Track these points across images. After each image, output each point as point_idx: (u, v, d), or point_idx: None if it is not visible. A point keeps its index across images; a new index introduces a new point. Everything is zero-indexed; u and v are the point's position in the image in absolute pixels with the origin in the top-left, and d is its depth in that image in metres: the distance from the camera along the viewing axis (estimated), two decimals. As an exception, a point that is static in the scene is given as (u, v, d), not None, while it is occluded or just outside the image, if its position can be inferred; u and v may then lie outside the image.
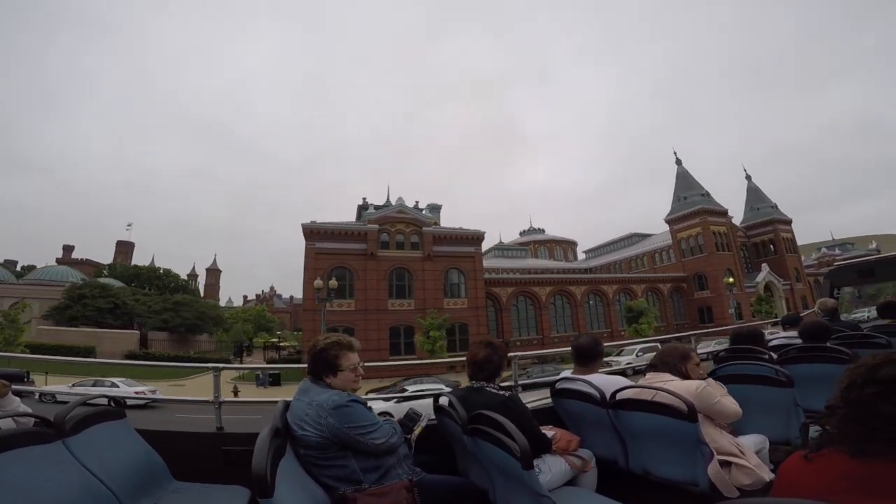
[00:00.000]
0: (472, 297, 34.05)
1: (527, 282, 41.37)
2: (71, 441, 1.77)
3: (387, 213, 33.45)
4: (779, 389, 2.68)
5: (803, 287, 54.76)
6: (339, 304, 31.30)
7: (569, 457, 2.23)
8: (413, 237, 33.81)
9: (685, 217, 50.11)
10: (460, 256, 34.41)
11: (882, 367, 0.90)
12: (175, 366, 28.14)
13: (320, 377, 1.98)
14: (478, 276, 34.62)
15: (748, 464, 2.00)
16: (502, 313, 39.30)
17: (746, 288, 49.29)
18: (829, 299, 5.31)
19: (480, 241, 35.49)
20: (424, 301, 32.45)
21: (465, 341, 33.23)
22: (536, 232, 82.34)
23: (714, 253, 47.81)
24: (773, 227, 54.59)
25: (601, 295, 45.11)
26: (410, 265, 33.09)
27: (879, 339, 3.56)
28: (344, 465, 1.80)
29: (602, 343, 2.81)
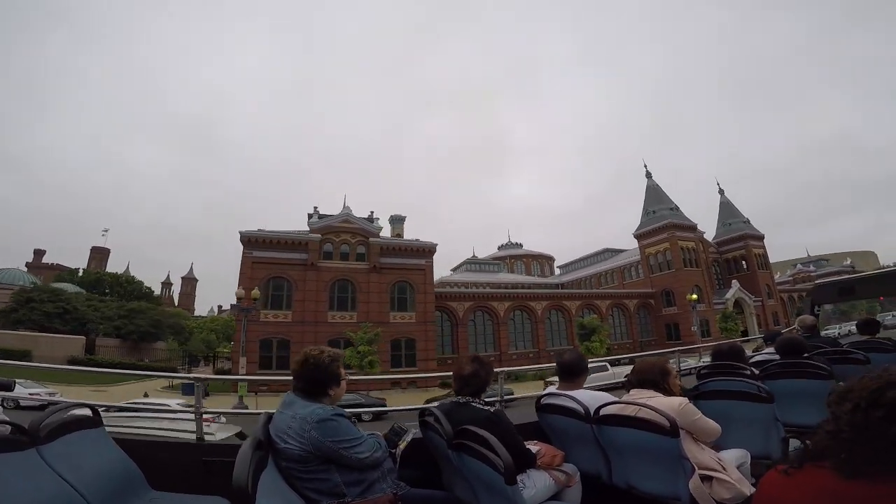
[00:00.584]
0: (421, 311, 32.78)
1: (485, 296, 40.19)
2: (45, 449, 1.74)
3: (330, 223, 32.32)
4: (759, 405, 2.72)
5: (775, 303, 53.87)
6: (274, 315, 30.04)
7: (553, 472, 2.25)
8: (359, 248, 32.67)
9: (653, 232, 49.30)
10: (410, 269, 33.24)
11: (886, 391, 0.89)
12: (95, 371, 26.58)
13: (324, 391, 1.96)
14: (428, 290, 33.39)
15: (729, 478, 2.03)
16: (458, 328, 38.04)
17: (716, 304, 48.28)
18: (808, 316, 5.32)
19: (432, 253, 34.37)
20: (368, 314, 31.14)
21: (411, 357, 31.93)
22: (514, 247, 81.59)
23: (681, 269, 46.87)
24: (745, 242, 53.89)
25: (563, 311, 43.92)
26: (354, 277, 31.87)
27: (858, 355, 3.65)
28: (327, 479, 1.78)
29: (586, 359, 2.82)
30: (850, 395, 0.95)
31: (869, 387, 0.93)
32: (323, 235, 31.93)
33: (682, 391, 2.81)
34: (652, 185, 52.42)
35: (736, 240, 54.67)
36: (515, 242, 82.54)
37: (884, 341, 4.35)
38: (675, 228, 47.81)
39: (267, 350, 29.45)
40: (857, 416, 0.91)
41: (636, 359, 3.89)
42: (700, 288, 47.62)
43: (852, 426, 0.92)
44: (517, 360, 39.26)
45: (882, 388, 0.91)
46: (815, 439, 1.02)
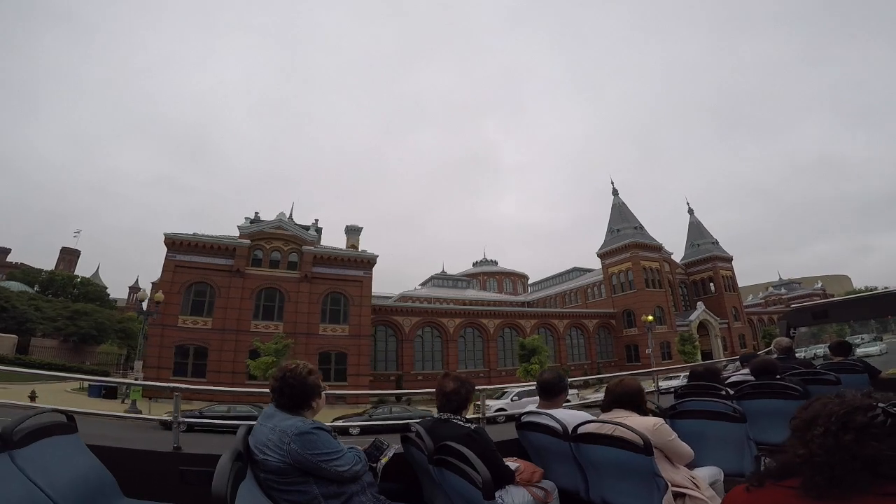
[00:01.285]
0: (356, 324, 31.18)
1: (434, 312, 38.67)
2: (18, 454, 1.72)
3: (262, 228, 30.93)
4: (733, 424, 2.83)
5: (742, 326, 52.50)
6: (193, 321, 28.43)
7: (532, 488, 2.29)
8: (292, 256, 31.26)
9: (616, 251, 48.23)
10: (346, 280, 31.77)
11: (854, 415, 0.94)
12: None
13: (307, 403, 1.97)
14: (364, 303, 31.85)
15: (702, 496, 2.10)
16: (404, 344, 36.46)
17: (679, 326, 46.85)
18: (784, 338, 5.39)
19: (371, 264, 32.96)
20: (296, 325, 29.54)
21: (341, 371, 30.21)
22: (489, 263, 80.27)
23: (643, 289, 45.60)
24: (713, 264, 52.87)
25: (518, 329, 42.35)
26: (284, 285, 30.37)
27: (829, 376, 3.82)
28: (305, 491, 1.79)
29: (566, 378, 2.90)
30: (818, 421, 0.99)
31: (836, 412, 0.97)
32: (253, 241, 30.53)
33: (660, 410, 3.07)
34: (618, 203, 51.58)
35: (703, 261, 53.64)
36: (490, 259, 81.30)
37: (855, 363, 4.48)
38: (638, 248, 46.75)
39: (183, 356, 27.74)
40: (829, 440, 0.95)
41: (606, 380, 3.70)
42: (662, 309, 46.44)
43: (825, 450, 0.94)
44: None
45: (850, 412, 0.96)
46: (782, 459, 1.06)
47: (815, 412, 1.01)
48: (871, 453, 0.91)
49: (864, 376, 4.16)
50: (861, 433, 0.93)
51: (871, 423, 0.94)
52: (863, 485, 0.90)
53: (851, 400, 0.98)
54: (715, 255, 52.95)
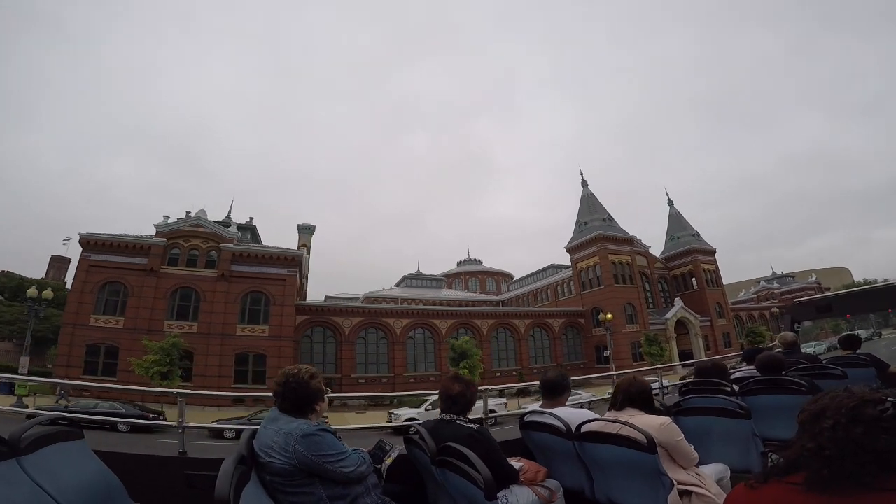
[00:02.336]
0: (277, 325, 29.40)
1: (377, 312, 36.60)
2: (25, 460, 1.71)
3: (179, 226, 29.53)
4: (738, 420, 2.80)
5: (727, 323, 48.67)
6: (105, 321, 27.20)
7: (536, 487, 2.27)
8: (211, 254, 29.81)
9: (583, 245, 45.30)
10: (267, 279, 30.06)
11: (863, 408, 0.95)
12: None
13: (311, 406, 1.98)
14: (287, 302, 30.07)
15: (708, 493, 2.08)
16: (343, 346, 34.49)
17: (654, 325, 43.60)
18: (788, 333, 5.42)
19: (296, 263, 31.20)
20: (210, 325, 28.02)
21: (260, 373, 28.39)
22: (474, 263, 77.94)
23: (611, 285, 42.57)
24: (693, 257, 49.32)
25: (474, 330, 39.89)
26: (200, 284, 28.85)
27: (835, 370, 3.78)
28: (311, 493, 1.80)
29: (569, 377, 2.89)
30: (827, 413, 0.99)
31: (846, 405, 0.97)
32: (169, 240, 29.17)
33: (664, 408, 3.10)
34: (586, 194, 48.70)
35: (683, 255, 50.14)
36: (475, 259, 78.93)
37: (862, 357, 4.34)
38: (606, 241, 43.76)
39: (93, 356, 26.60)
40: (839, 433, 0.95)
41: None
42: (633, 306, 43.35)
43: (836, 443, 0.94)
44: (414, 384, 35.35)
45: (858, 405, 0.96)
46: (788, 454, 1.05)
47: (824, 405, 1.00)
48: (882, 446, 0.90)
49: (872, 370, 4.04)
50: (871, 426, 0.92)
51: (881, 416, 0.93)
52: (871, 478, 0.90)
53: (861, 393, 0.98)
54: (695, 247, 49.39)
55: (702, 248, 49.74)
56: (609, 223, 45.73)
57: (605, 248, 43.49)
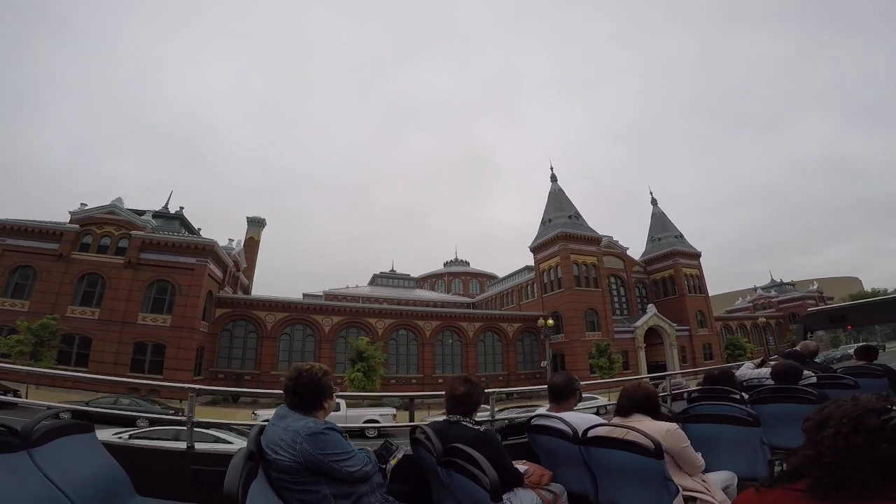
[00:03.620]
0: (180, 315, 28.23)
1: (303, 308, 35.00)
2: (36, 452, 1.75)
3: (93, 213, 29.09)
4: (746, 428, 2.78)
5: (709, 333, 43.51)
6: (11, 304, 27.09)
7: (540, 491, 2.26)
8: (122, 241, 29.18)
9: (546, 244, 41.90)
10: (175, 267, 29.06)
11: (866, 417, 0.95)
12: None
13: (320, 404, 1.98)
14: (193, 293, 28.93)
15: (713, 500, 2.06)
16: (264, 341, 33.09)
17: (620, 334, 39.55)
18: (810, 342, 5.34)
19: (207, 252, 30.05)
20: (112, 312, 27.24)
21: (157, 364, 27.37)
22: (460, 264, 75.33)
23: (572, 289, 38.96)
24: (674, 260, 44.70)
25: (416, 332, 37.48)
26: (107, 271, 28.20)
27: (847, 380, 3.80)
28: (316, 491, 1.79)
29: (577, 381, 2.84)
30: (829, 422, 0.99)
31: (849, 413, 0.97)
32: (83, 226, 28.79)
33: (672, 414, 3.04)
34: (554, 190, 45.24)
35: (664, 257, 45.56)
36: (462, 260, 76.30)
37: (875, 367, 4.31)
38: (569, 240, 40.20)
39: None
40: (839, 442, 0.95)
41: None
42: (597, 312, 39.48)
43: (834, 451, 0.95)
44: (340, 386, 33.40)
45: (862, 415, 0.96)
46: (793, 461, 1.06)
47: (828, 414, 1.01)
48: (884, 456, 0.90)
49: (884, 381, 4.00)
50: (873, 435, 0.92)
51: (884, 425, 0.93)
52: (872, 488, 0.89)
53: (865, 402, 0.98)
54: (677, 249, 44.71)
55: (684, 251, 45.00)
56: (575, 221, 42.12)
57: (568, 247, 39.94)
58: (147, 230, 29.62)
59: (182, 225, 34.37)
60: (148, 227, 29.85)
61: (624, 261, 46.55)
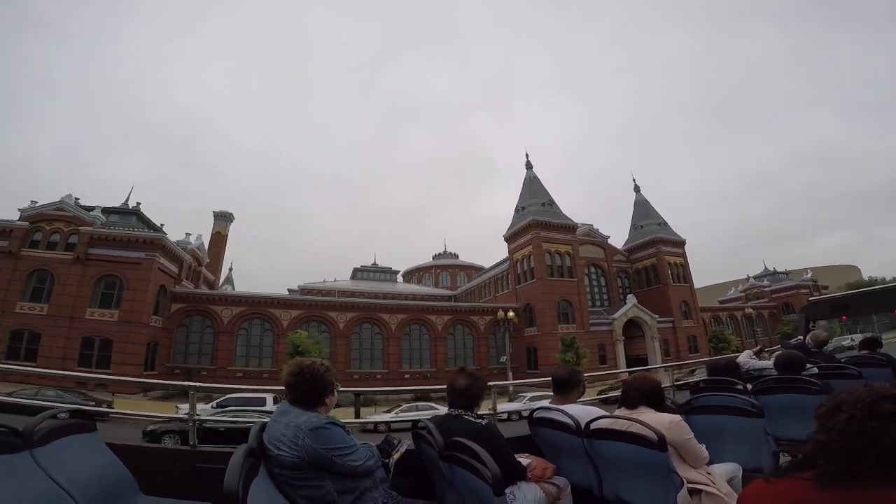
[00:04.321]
0: (128, 309, 27.95)
1: (261, 302, 34.40)
2: (38, 452, 1.74)
3: (43, 210, 28.95)
4: (750, 419, 2.76)
5: (695, 325, 41.31)
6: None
7: (544, 484, 2.23)
8: (72, 237, 29.02)
9: (519, 232, 40.36)
10: (123, 262, 28.78)
11: (881, 403, 0.94)
12: None
13: (322, 400, 1.98)
14: (141, 287, 28.60)
15: (718, 492, 2.04)
16: (220, 336, 32.67)
17: (596, 326, 37.82)
18: (821, 332, 5.35)
19: (157, 246, 29.71)
20: (60, 307, 27.15)
21: (105, 358, 27.16)
22: (449, 256, 74.20)
23: (544, 279, 37.37)
24: (657, 248, 42.54)
25: (381, 326, 36.55)
26: (56, 267, 28.07)
27: (851, 370, 3.78)
28: (319, 486, 1.78)
29: (580, 374, 2.82)
30: (843, 408, 0.98)
31: (863, 399, 0.97)
32: (33, 223, 28.72)
33: (675, 406, 3.05)
34: (530, 177, 43.49)
35: (646, 245, 43.42)
36: (451, 253, 75.09)
37: (879, 357, 4.29)
38: (540, 228, 38.55)
39: None
40: (852, 427, 0.94)
41: None
42: (570, 304, 37.83)
43: (844, 436, 0.94)
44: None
45: (876, 400, 0.95)
46: (803, 449, 1.05)
47: (842, 399, 1.01)
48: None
49: (888, 371, 3.98)
50: (887, 420, 0.91)
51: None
52: (881, 474, 0.89)
53: (879, 388, 0.97)
54: (659, 237, 42.51)
55: (667, 238, 42.77)
56: (548, 208, 40.39)
57: (540, 235, 38.30)
58: (96, 226, 29.39)
59: (140, 220, 34.08)
60: (97, 222, 29.62)
61: (605, 250, 44.61)
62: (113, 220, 32.58)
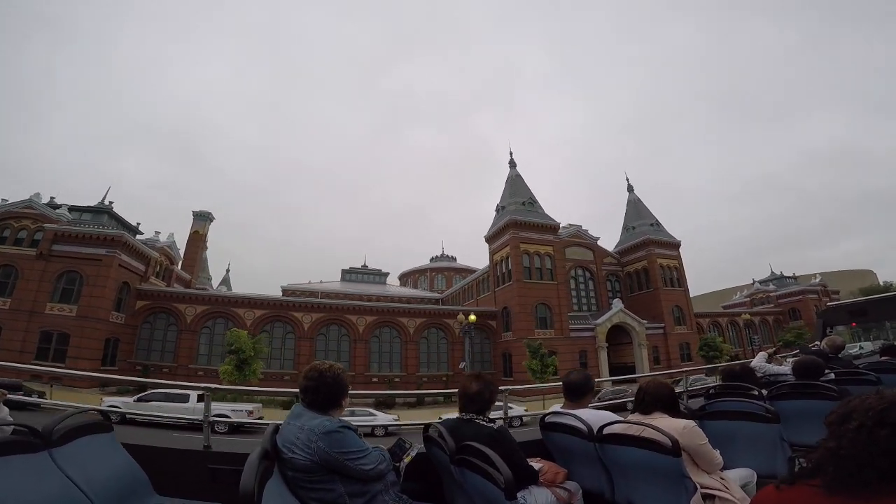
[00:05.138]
0: (86, 305, 28.00)
1: (225, 301, 33.99)
2: (57, 452, 1.77)
3: (10, 208, 29.73)
4: (765, 425, 2.73)
5: (689, 331, 38.12)
6: None
7: (555, 489, 2.23)
8: (38, 234, 29.52)
9: (498, 233, 38.57)
10: (85, 258, 28.96)
11: (892, 411, 0.94)
12: None
13: (338, 402, 1.99)
14: (100, 283, 28.63)
15: (732, 497, 2.03)
16: (183, 335, 32.38)
17: (578, 331, 35.47)
18: (837, 337, 5.31)
19: (118, 243, 29.76)
20: (22, 301, 27.57)
21: (61, 353, 27.19)
22: (447, 259, 72.74)
23: (520, 281, 35.40)
24: (648, 250, 39.70)
25: (349, 328, 35.44)
26: (21, 263, 28.44)
27: (869, 376, 3.70)
28: (331, 489, 1.79)
29: (593, 379, 2.82)
30: (853, 415, 0.98)
31: (875, 407, 0.96)
32: (1, 220, 29.51)
33: (689, 412, 3.09)
34: (512, 175, 41.68)
35: (637, 247, 40.64)
36: (449, 255, 73.59)
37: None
38: (520, 227, 36.67)
39: None
40: (862, 435, 0.94)
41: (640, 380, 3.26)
42: (549, 307, 35.64)
43: (854, 444, 0.94)
44: (265, 381, 32.03)
45: (887, 408, 0.94)
46: (815, 456, 1.05)
47: (853, 407, 1.00)
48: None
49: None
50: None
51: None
52: (890, 483, 0.88)
53: (891, 396, 0.97)
54: (651, 238, 39.67)
55: (660, 240, 39.87)
56: (528, 207, 38.44)
57: (518, 235, 36.42)
58: (62, 223, 29.76)
59: (112, 218, 34.46)
60: (62, 220, 30.01)
61: (594, 251, 42.10)
62: (85, 218, 33.10)
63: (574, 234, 41.68)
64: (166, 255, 36.70)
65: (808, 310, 41.00)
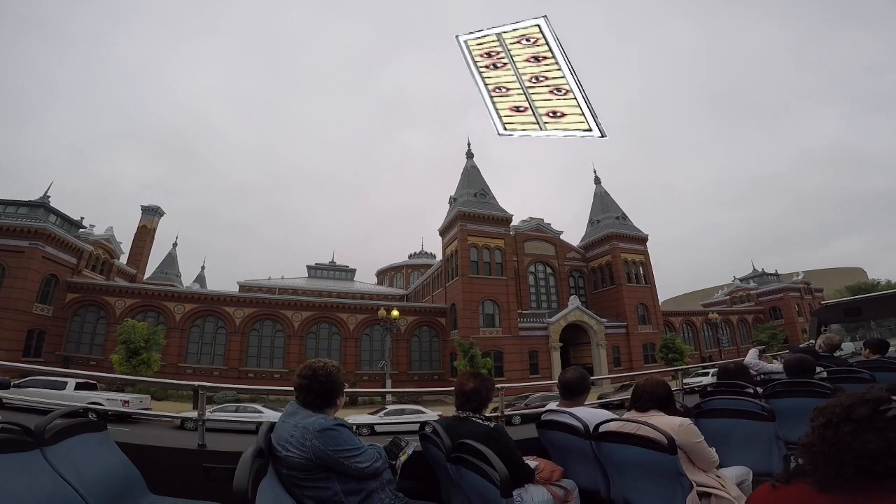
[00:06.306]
0: (6, 296, 27.16)
1: (154, 295, 32.93)
2: (49, 450, 1.76)
3: (-62, 199, 29.66)
4: (761, 423, 2.76)
5: (655, 331, 35.00)
6: None
7: (551, 487, 2.24)
8: (-38, 227, 29.19)
9: (449, 225, 36.43)
10: (6, 251, 28.09)
11: (858, 407, 0.94)
12: None
13: (333, 401, 1.98)
14: (21, 274, 27.86)
15: (728, 495, 2.02)
16: (111, 327, 31.42)
17: (528, 330, 32.98)
18: (833, 335, 5.33)
19: (41, 235, 29.00)
20: (-64, 295, 27.26)
21: (-23, 348, 26.63)
22: (426, 256, 70.61)
23: (466, 276, 33.14)
24: (611, 245, 36.77)
25: (284, 323, 33.90)
26: (-59, 255, 28.32)
27: (863, 374, 3.72)
28: (326, 487, 1.78)
29: (589, 377, 2.79)
30: (825, 411, 1.00)
31: (843, 403, 0.97)
32: (-72, 211, 29.33)
33: (685, 409, 3.07)
34: (469, 167, 39.39)
35: (601, 241, 37.74)
36: (428, 252, 71.47)
37: (891, 361, 4.30)
38: (467, 219, 34.42)
39: None
40: (829, 431, 0.95)
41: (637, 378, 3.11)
42: (497, 304, 33.27)
43: (823, 440, 0.95)
44: (193, 376, 30.86)
45: (854, 404, 0.95)
46: (798, 453, 1.07)
47: (829, 403, 1.01)
48: (868, 447, 0.88)
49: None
50: (860, 425, 0.90)
51: (876, 416, 0.91)
52: (870, 481, 0.88)
53: (866, 393, 0.97)
54: (614, 232, 36.73)
55: (624, 234, 36.89)
56: (481, 199, 36.12)
57: (466, 227, 34.17)
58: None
59: (49, 212, 33.90)
60: (-13, 211, 29.47)
61: (556, 246, 39.39)
62: (21, 212, 32.63)
63: (535, 228, 39.13)
64: (105, 249, 36.01)
65: (790, 308, 37.45)
